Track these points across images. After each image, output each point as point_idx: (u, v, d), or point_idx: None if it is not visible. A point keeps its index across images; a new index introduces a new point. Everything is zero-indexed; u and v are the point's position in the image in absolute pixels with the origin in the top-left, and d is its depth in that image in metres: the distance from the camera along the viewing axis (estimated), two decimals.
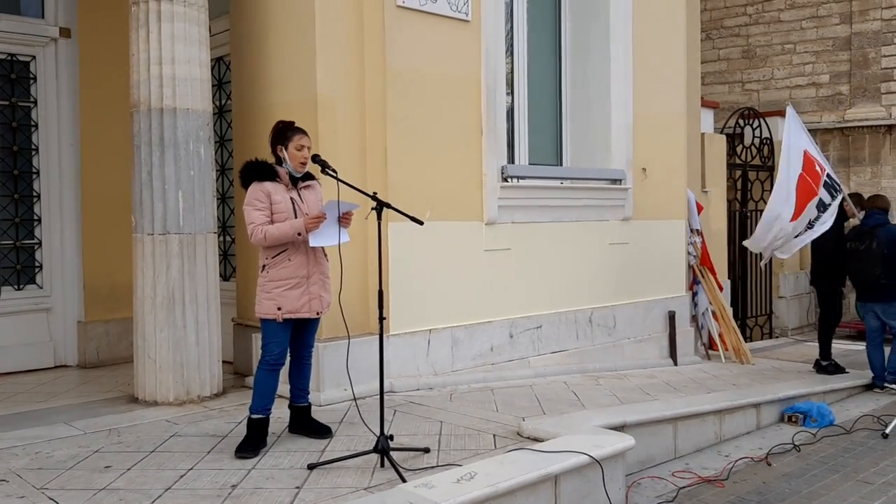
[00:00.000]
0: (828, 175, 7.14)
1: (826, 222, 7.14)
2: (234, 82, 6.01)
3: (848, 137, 12.67)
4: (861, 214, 7.34)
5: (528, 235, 6.37)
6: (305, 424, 4.40)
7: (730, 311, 8.63)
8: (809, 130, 11.31)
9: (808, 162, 7.05)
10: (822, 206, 7.16)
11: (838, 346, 10.14)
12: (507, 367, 6.16)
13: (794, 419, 6.08)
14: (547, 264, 6.52)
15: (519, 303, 6.30)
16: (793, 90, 13.02)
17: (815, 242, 7.39)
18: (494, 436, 4.41)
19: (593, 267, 6.94)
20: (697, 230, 8.29)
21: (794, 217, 6.97)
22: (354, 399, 4.49)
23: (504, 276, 6.19)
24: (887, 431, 5.75)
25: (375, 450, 3.85)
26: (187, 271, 5.05)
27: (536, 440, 4.25)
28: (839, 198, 7.20)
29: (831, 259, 7.40)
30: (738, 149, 10.80)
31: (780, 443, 5.50)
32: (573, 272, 6.75)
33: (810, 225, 7.19)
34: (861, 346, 9.60)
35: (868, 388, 7.28)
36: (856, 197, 7.62)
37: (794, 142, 7.09)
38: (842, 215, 7.41)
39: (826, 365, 7.55)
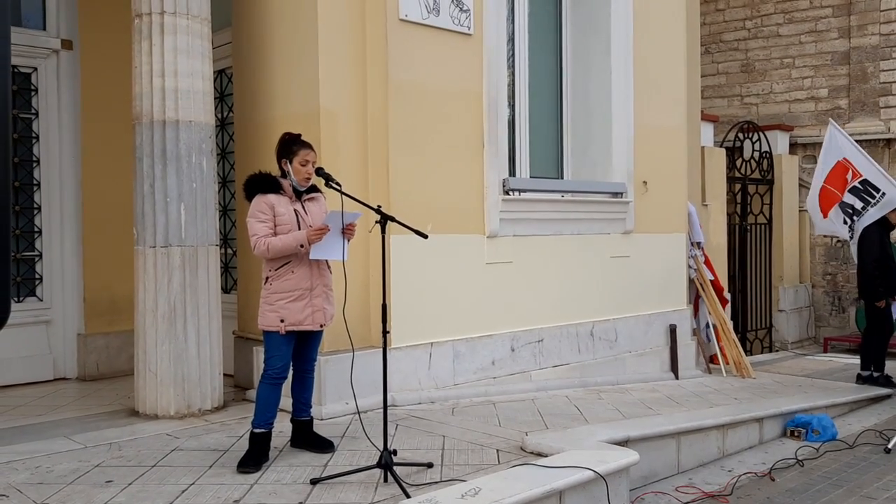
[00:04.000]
0: (861, 181, 7.49)
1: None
2: (236, 95, 6.02)
3: None
4: None
5: (530, 248, 6.37)
6: (308, 439, 4.37)
7: (730, 324, 8.61)
8: (809, 144, 11.33)
9: (836, 170, 7.69)
10: (851, 210, 7.71)
11: (840, 361, 10.16)
12: (508, 380, 6.14)
13: (796, 433, 6.06)
14: (548, 277, 6.51)
15: (520, 316, 6.29)
16: (792, 104, 13.05)
17: (860, 255, 7.57)
18: (498, 450, 4.39)
19: (595, 280, 6.93)
20: (699, 243, 8.29)
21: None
22: (358, 413, 4.46)
23: (506, 289, 6.18)
24: (890, 446, 5.73)
25: (379, 465, 3.82)
26: (189, 284, 5.03)
27: (540, 455, 4.22)
28: (880, 201, 7.52)
29: (873, 272, 7.40)
30: (738, 162, 10.83)
31: (783, 457, 5.48)
32: (574, 285, 6.74)
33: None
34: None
35: (873, 401, 7.28)
36: None
37: (824, 156, 7.88)
38: (886, 225, 7.54)
39: (867, 376, 7.55)
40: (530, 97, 6.89)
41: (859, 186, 7.56)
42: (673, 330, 7.61)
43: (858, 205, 7.61)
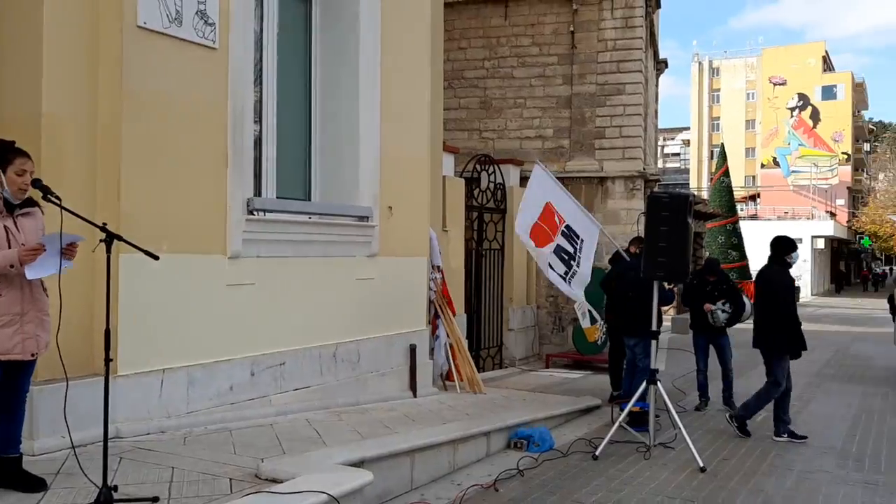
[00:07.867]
0: (566, 227, 7.97)
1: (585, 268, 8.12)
2: None
3: (568, 186, 14.08)
4: None
5: (275, 270, 6.29)
6: (16, 477, 3.94)
7: (465, 343, 9.14)
8: None
9: (547, 212, 7.91)
10: (565, 253, 8.00)
11: (559, 375, 11.20)
12: (247, 406, 5.98)
13: (519, 445, 6.57)
14: (293, 300, 6.46)
15: (262, 339, 6.17)
16: (523, 141, 14.25)
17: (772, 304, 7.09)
18: (231, 479, 4.26)
19: (340, 302, 7.00)
20: (438, 266, 8.72)
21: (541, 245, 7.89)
22: (73, 447, 4.09)
23: (247, 311, 6.03)
24: (597, 453, 6.40)
25: (97, 502, 3.55)
26: None
27: (275, 481, 4.17)
28: (587, 242, 8.13)
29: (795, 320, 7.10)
30: (476, 192, 11.56)
31: (506, 469, 5.90)
32: (319, 308, 6.76)
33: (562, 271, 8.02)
34: (577, 374, 10.75)
35: (584, 412, 8.15)
36: (638, 239, 8.50)
37: (536, 194, 7.96)
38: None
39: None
40: (278, 117, 6.84)
41: (566, 231, 8.04)
42: (413, 350, 7.90)
43: (570, 248, 7.99)
